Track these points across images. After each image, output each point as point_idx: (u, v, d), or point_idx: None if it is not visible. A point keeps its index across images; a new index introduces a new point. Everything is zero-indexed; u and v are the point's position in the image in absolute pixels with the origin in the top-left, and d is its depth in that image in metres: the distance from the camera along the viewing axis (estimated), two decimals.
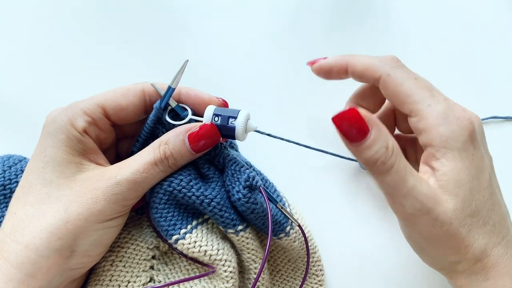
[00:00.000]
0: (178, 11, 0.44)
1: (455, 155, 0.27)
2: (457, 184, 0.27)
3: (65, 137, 0.28)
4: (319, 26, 0.44)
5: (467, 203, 0.27)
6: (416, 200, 0.26)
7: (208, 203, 0.29)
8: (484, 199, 0.28)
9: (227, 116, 0.29)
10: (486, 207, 0.28)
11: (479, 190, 0.27)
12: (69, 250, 0.26)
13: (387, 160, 0.26)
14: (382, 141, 0.26)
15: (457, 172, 0.27)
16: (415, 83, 0.28)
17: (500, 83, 0.43)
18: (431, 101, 0.27)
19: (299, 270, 0.36)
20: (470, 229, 0.27)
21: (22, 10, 0.43)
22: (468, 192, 0.27)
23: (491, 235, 0.28)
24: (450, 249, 0.28)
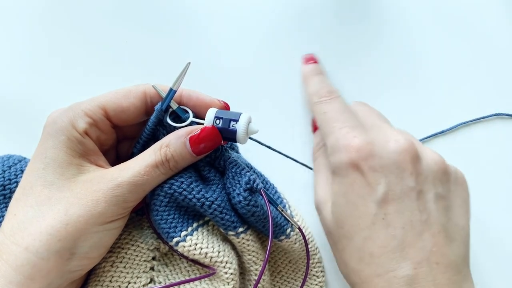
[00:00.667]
0: (179, 12, 0.44)
1: (337, 181, 0.30)
2: (334, 204, 0.30)
3: (65, 138, 0.28)
4: (322, 27, 0.44)
5: (340, 224, 0.29)
6: (315, 195, 0.33)
7: (208, 205, 0.29)
8: (358, 226, 0.28)
9: (229, 119, 0.29)
10: (362, 235, 0.27)
11: (353, 216, 0.28)
12: (69, 252, 0.26)
13: (314, 152, 0.36)
14: (319, 138, 0.36)
15: (335, 195, 0.30)
16: (322, 118, 0.33)
17: (505, 80, 0.43)
18: (329, 132, 0.31)
19: (300, 271, 0.36)
20: (344, 249, 0.29)
21: (22, 10, 0.43)
22: (341, 214, 0.29)
23: (367, 265, 0.27)
24: (336, 257, 0.31)
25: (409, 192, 0.28)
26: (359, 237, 0.28)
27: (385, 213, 0.27)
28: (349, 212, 0.28)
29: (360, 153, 0.28)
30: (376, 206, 0.27)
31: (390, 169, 0.28)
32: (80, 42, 0.42)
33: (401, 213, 0.27)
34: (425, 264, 0.26)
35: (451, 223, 0.29)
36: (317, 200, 0.32)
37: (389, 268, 0.26)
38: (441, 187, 0.29)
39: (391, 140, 0.29)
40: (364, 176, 0.28)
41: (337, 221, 0.29)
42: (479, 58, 0.43)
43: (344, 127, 0.30)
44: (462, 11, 0.45)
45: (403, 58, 0.43)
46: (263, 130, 0.32)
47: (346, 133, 0.30)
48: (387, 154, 0.28)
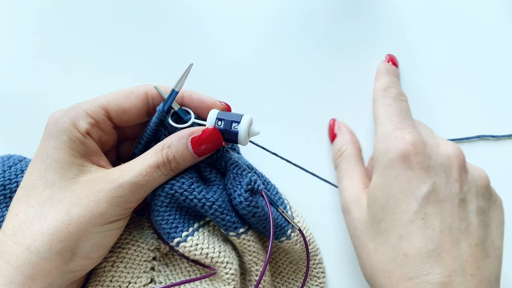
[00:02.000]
0: (180, 12, 0.43)
1: (379, 171, 0.29)
2: (372, 198, 0.29)
3: (67, 138, 0.28)
4: (325, 28, 0.44)
5: (376, 219, 0.28)
6: (343, 197, 0.32)
7: (209, 206, 0.29)
8: (397, 222, 0.27)
9: (230, 121, 0.29)
10: (399, 232, 0.27)
11: (393, 212, 0.27)
12: (70, 253, 0.26)
13: (335, 159, 0.36)
14: (339, 145, 0.36)
15: (374, 187, 0.29)
16: (384, 108, 0.32)
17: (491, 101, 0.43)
18: (385, 122, 0.31)
19: (301, 272, 0.36)
20: (376, 248, 0.28)
21: (22, 10, 0.43)
22: (380, 210, 0.28)
23: (399, 266, 0.26)
24: (362, 260, 0.29)
25: (452, 198, 0.27)
26: (396, 234, 0.27)
27: (425, 213, 0.27)
28: (389, 207, 0.27)
29: (413, 148, 0.28)
30: (418, 204, 0.27)
31: (437, 170, 0.28)
32: (80, 42, 0.42)
33: (441, 216, 0.27)
34: (460, 274, 0.25)
35: (488, 239, 0.28)
36: (347, 200, 0.32)
37: (422, 271, 0.26)
38: (483, 202, 0.29)
39: (441, 144, 0.30)
40: (411, 171, 0.28)
41: (374, 217, 0.28)
42: (470, 79, 0.43)
43: (402, 122, 0.31)
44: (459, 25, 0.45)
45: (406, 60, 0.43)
46: (264, 132, 0.32)
47: (403, 127, 0.30)
48: (437, 156, 0.28)
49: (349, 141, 0.36)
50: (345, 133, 0.37)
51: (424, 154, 0.28)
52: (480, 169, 0.30)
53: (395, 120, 0.31)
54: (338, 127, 0.37)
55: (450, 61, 0.44)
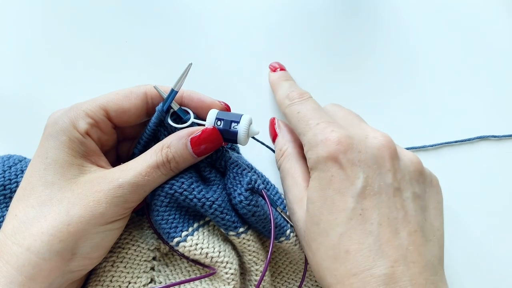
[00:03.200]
0: (180, 12, 0.43)
1: (315, 176, 0.29)
2: (310, 200, 0.29)
3: (67, 139, 0.28)
4: (322, 28, 0.44)
5: (315, 220, 0.28)
6: (287, 198, 0.32)
7: (209, 205, 0.29)
8: (335, 221, 0.27)
9: (230, 121, 0.29)
10: (338, 230, 0.27)
11: (330, 211, 0.27)
12: (70, 253, 0.26)
13: (278, 159, 0.34)
14: (280, 145, 0.35)
15: (312, 191, 0.29)
16: (296, 118, 0.32)
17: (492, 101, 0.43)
18: (305, 130, 0.30)
19: (301, 272, 0.36)
20: (318, 248, 0.28)
21: (22, 9, 0.43)
22: (317, 211, 0.28)
23: (342, 263, 0.26)
24: (309, 259, 0.30)
25: (386, 189, 0.27)
26: (335, 233, 0.27)
27: (362, 208, 0.27)
28: (326, 207, 0.27)
29: (339, 146, 0.28)
30: (354, 201, 0.27)
31: (368, 163, 0.28)
32: (80, 42, 0.42)
33: (378, 209, 0.27)
34: (402, 263, 0.26)
35: (427, 223, 0.28)
36: (291, 201, 0.31)
37: (365, 266, 0.26)
38: (418, 187, 0.29)
39: (369, 136, 0.29)
40: (343, 170, 0.27)
41: (312, 218, 0.28)
42: (470, 79, 0.43)
43: (320, 122, 0.30)
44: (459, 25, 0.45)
45: (398, 65, 0.43)
46: (264, 132, 0.33)
47: (324, 128, 0.29)
48: (366, 148, 0.28)
49: (290, 140, 0.34)
50: (286, 132, 0.35)
51: (352, 149, 0.28)
52: (411, 154, 0.30)
53: (312, 124, 0.30)
54: (278, 125, 0.36)
55: (450, 61, 0.44)
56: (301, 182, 0.31)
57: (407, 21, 0.44)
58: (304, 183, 0.31)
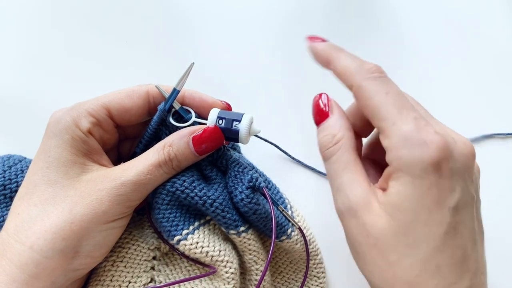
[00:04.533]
0: (180, 12, 0.44)
1: (407, 181, 0.25)
2: (398, 209, 0.25)
3: (69, 137, 0.28)
4: (323, 27, 0.44)
5: (403, 230, 0.25)
6: (345, 197, 0.27)
7: (210, 203, 0.29)
8: (430, 234, 0.25)
9: (231, 119, 0.29)
10: (432, 244, 0.25)
11: (425, 223, 0.25)
12: (73, 251, 0.26)
13: (328, 148, 0.28)
14: (332, 129, 0.28)
15: (402, 198, 0.25)
16: (385, 99, 0.26)
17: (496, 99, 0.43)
18: (396, 119, 0.25)
19: (301, 272, 0.36)
20: (401, 259, 0.25)
21: (22, 10, 0.43)
22: (408, 221, 0.25)
23: (430, 277, 0.25)
24: (377, 269, 0.27)
25: (471, 200, 0.26)
26: (428, 246, 0.25)
27: (456, 221, 0.25)
28: (421, 219, 0.25)
29: (445, 153, 0.24)
30: (450, 214, 0.25)
31: (462, 173, 0.25)
32: (81, 42, 0.42)
33: (468, 222, 0.26)
34: (477, 275, 0.26)
35: (482, 226, 0.28)
36: (352, 202, 0.27)
37: (451, 281, 0.25)
38: (479, 192, 0.28)
39: (457, 140, 0.26)
40: (443, 179, 0.24)
41: (400, 227, 0.25)
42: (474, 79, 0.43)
43: (418, 117, 0.25)
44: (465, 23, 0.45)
45: (399, 65, 0.43)
46: (265, 131, 0.33)
47: (425, 125, 0.25)
48: (460, 156, 0.25)
49: (347, 128, 0.28)
50: (341, 116, 0.29)
51: (452, 157, 0.25)
52: (476, 163, 0.28)
53: (408, 116, 0.25)
54: (332, 106, 0.29)
55: (452, 59, 0.44)
56: (363, 181, 0.27)
57: (408, 21, 0.45)
58: (366, 183, 0.27)
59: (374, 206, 0.26)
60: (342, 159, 0.27)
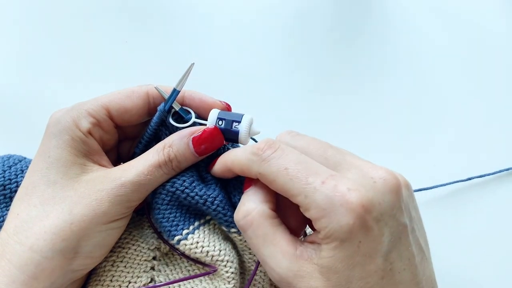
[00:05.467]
0: (180, 12, 0.44)
1: (337, 246, 0.24)
2: (331, 271, 0.25)
3: (69, 138, 0.28)
4: (322, 29, 0.44)
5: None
6: (273, 271, 0.26)
7: (211, 202, 0.29)
8: (368, 285, 0.25)
9: (231, 120, 0.29)
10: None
11: (360, 277, 0.25)
12: (72, 252, 0.26)
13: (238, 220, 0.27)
14: (246, 203, 0.27)
15: (334, 261, 0.25)
16: (286, 176, 0.25)
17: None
18: (306, 191, 0.25)
19: None
20: None
21: (22, 10, 0.43)
22: (344, 279, 0.25)
23: None
24: None
25: (403, 230, 0.25)
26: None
27: (391, 262, 0.25)
28: (356, 274, 0.25)
29: (364, 209, 0.24)
30: (384, 259, 0.25)
31: (388, 213, 0.25)
32: (81, 42, 0.42)
33: (402, 255, 0.25)
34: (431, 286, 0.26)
35: (424, 242, 0.28)
36: (282, 276, 0.26)
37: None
38: (414, 210, 0.27)
39: (374, 177, 0.26)
40: (370, 231, 0.24)
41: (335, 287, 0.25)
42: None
43: (325, 179, 0.25)
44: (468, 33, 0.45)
45: (400, 64, 0.44)
46: (265, 132, 0.33)
47: (334, 186, 0.24)
48: (382, 197, 0.25)
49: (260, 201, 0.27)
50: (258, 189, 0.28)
51: (374, 206, 0.24)
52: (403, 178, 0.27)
53: (315, 183, 0.25)
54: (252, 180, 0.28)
55: (453, 61, 0.44)
56: (287, 250, 0.26)
57: (409, 22, 0.45)
58: (290, 248, 0.26)
59: (306, 270, 0.25)
60: (258, 234, 0.27)
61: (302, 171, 0.25)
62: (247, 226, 0.27)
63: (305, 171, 0.25)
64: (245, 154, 0.27)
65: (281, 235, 0.26)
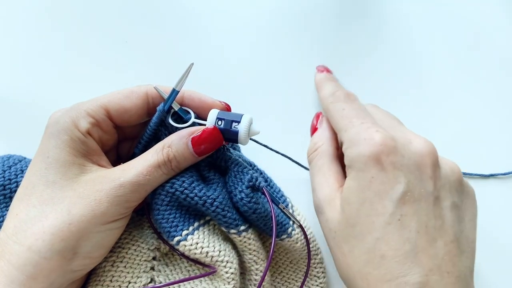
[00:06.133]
0: (180, 12, 0.44)
1: (353, 175, 0.28)
2: (346, 201, 0.28)
3: (68, 138, 0.28)
4: (322, 29, 0.44)
5: (351, 222, 0.27)
6: (316, 196, 0.31)
7: (210, 203, 0.29)
8: (372, 225, 0.26)
9: (231, 120, 0.29)
10: (375, 235, 0.26)
11: (368, 214, 0.26)
12: (71, 252, 0.26)
13: (309, 153, 0.34)
14: (316, 140, 0.34)
15: (350, 191, 0.28)
16: (340, 114, 0.31)
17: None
18: (347, 127, 0.30)
19: (301, 272, 0.36)
20: (351, 250, 0.27)
21: (22, 10, 0.43)
22: (354, 213, 0.27)
23: (376, 268, 0.26)
24: (338, 261, 0.29)
25: (427, 196, 0.27)
26: (372, 237, 0.26)
27: (401, 214, 0.26)
28: (364, 210, 0.27)
29: (383, 147, 0.27)
30: (393, 206, 0.26)
31: (410, 169, 0.27)
32: (80, 42, 0.42)
33: (417, 216, 0.26)
34: (437, 272, 0.25)
35: (463, 234, 0.28)
36: (320, 199, 0.30)
37: (399, 273, 0.25)
38: (457, 197, 0.28)
39: (413, 141, 0.28)
40: (384, 172, 0.26)
41: (348, 220, 0.27)
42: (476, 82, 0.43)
43: (365, 122, 0.29)
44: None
45: (405, 62, 0.43)
46: (264, 132, 0.33)
47: (368, 127, 0.28)
48: (409, 153, 0.27)
49: (328, 137, 0.33)
50: (325, 129, 0.34)
51: (395, 153, 0.27)
52: (452, 163, 0.30)
53: (356, 122, 0.29)
54: (321, 120, 0.35)
55: (454, 62, 0.44)
56: (333, 182, 0.30)
57: (412, 24, 0.44)
58: (336, 183, 0.30)
59: (336, 202, 0.29)
60: (318, 163, 0.32)
61: (353, 113, 0.30)
62: (313, 156, 0.33)
63: (355, 115, 0.30)
64: (329, 91, 0.34)
65: (334, 169, 0.31)
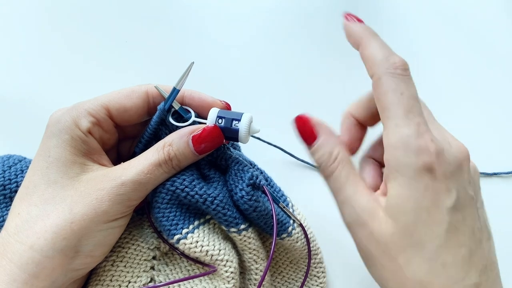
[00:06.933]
0: (180, 12, 0.44)
1: (404, 182, 0.26)
2: (400, 210, 0.26)
3: (69, 137, 0.28)
4: (322, 28, 0.44)
5: (408, 232, 0.26)
6: (352, 209, 0.28)
7: (211, 201, 0.30)
8: (433, 234, 0.26)
9: (231, 119, 0.29)
10: (436, 242, 0.26)
11: (427, 223, 0.26)
12: (73, 251, 0.27)
13: (328, 165, 0.29)
14: (327, 148, 0.29)
15: (402, 199, 0.26)
16: (397, 99, 0.27)
17: None
18: (401, 121, 0.26)
19: (301, 272, 0.36)
20: (409, 260, 0.26)
21: (23, 10, 0.43)
22: (411, 222, 0.26)
23: (438, 276, 0.26)
24: (389, 273, 0.28)
25: (469, 200, 0.27)
26: (432, 245, 0.26)
27: (456, 220, 0.26)
28: (422, 219, 0.26)
29: (436, 159, 0.26)
30: (450, 213, 0.26)
31: (457, 176, 0.27)
32: (80, 42, 0.42)
33: (466, 221, 0.27)
34: (485, 271, 0.26)
35: (488, 227, 0.29)
36: (358, 213, 0.28)
37: (458, 277, 0.26)
38: (480, 194, 0.29)
39: (452, 144, 0.28)
40: (438, 182, 0.26)
41: (405, 230, 0.26)
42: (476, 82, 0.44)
43: (422, 123, 0.26)
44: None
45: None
46: (264, 130, 0.33)
47: (424, 132, 0.26)
48: (452, 158, 0.27)
49: (339, 144, 0.30)
50: (330, 134, 0.30)
51: (445, 162, 0.26)
52: (473, 163, 0.30)
53: (413, 120, 0.26)
54: (316, 125, 0.30)
55: (455, 62, 0.44)
56: (367, 192, 0.28)
57: (413, 23, 0.45)
58: (370, 193, 0.28)
59: (379, 213, 0.27)
60: (343, 174, 0.29)
61: (410, 104, 0.27)
62: (335, 167, 0.29)
63: (412, 107, 0.27)
64: (382, 53, 0.28)
65: (359, 177, 0.29)
